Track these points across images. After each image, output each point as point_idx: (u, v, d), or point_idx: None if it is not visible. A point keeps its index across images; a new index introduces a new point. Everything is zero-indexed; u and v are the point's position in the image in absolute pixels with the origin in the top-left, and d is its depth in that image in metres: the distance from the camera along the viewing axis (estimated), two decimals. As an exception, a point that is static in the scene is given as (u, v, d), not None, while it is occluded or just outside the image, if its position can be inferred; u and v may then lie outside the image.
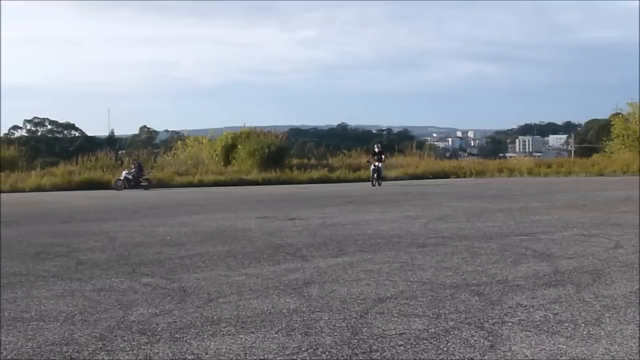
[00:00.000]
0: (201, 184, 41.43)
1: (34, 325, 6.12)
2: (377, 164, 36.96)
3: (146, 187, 37.83)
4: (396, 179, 44.44)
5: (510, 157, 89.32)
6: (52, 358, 5.16)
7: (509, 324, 6.01)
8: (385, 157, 40.15)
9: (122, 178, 38.30)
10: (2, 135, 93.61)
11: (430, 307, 6.64)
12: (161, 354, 5.21)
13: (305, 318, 6.24)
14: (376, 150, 38.61)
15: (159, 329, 5.92)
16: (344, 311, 6.50)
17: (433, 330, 5.79)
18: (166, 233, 13.67)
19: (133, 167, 39.63)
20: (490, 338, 5.57)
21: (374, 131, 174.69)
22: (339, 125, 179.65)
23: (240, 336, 5.66)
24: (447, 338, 5.55)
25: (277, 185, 41.02)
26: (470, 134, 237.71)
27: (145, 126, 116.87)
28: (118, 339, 5.61)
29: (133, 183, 38.05)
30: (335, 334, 5.69)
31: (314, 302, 6.97)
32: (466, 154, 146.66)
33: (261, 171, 47.00)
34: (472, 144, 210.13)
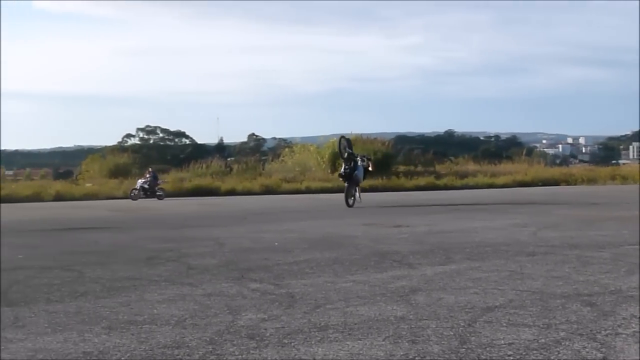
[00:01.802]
0: (308, 191, 41.70)
1: (147, 329, 6.26)
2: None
3: (160, 197, 37.03)
4: (504, 186, 43.77)
5: (624, 164, 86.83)
6: (164, 361, 5.28)
7: (623, 335, 5.85)
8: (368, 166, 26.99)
9: (137, 187, 37.71)
10: (115, 143, 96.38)
11: (540, 317, 6.52)
12: (269, 359, 5.27)
13: (412, 326, 6.22)
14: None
15: (267, 334, 5.98)
16: (452, 319, 6.44)
17: (543, 340, 5.68)
18: (274, 239, 13.81)
19: (148, 176, 38.72)
20: (603, 350, 5.43)
21: (481, 138, 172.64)
22: (445, 132, 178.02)
23: (347, 343, 5.68)
24: (557, 349, 5.44)
25: (383, 192, 40.93)
26: (581, 140, 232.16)
27: (253, 134, 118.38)
28: (227, 343, 5.70)
29: (149, 192, 37.39)
30: (442, 342, 5.65)
31: (420, 309, 6.93)
32: (577, 160, 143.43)
33: (368, 178, 47.00)
34: (583, 151, 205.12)
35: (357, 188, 25.69)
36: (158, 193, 37.44)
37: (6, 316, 6.86)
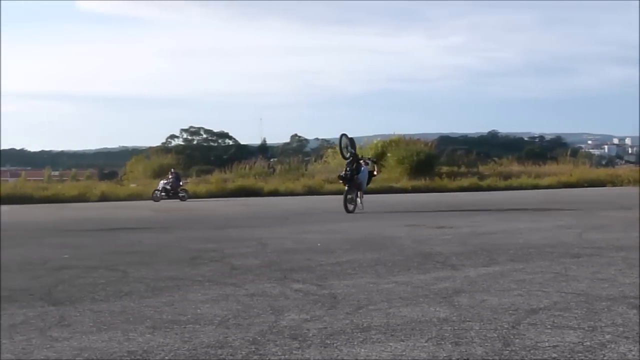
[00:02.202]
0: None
1: (190, 328, 6.29)
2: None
3: (183, 198, 36.71)
4: (548, 187, 43.37)
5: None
6: (207, 360, 5.30)
7: (669, 338, 5.76)
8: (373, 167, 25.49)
9: (159, 188, 37.52)
10: (159, 144, 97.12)
11: (585, 320, 6.44)
12: (312, 359, 5.27)
13: (456, 327, 6.18)
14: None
15: (310, 334, 5.98)
16: (495, 321, 6.40)
17: (588, 343, 5.62)
18: (316, 240, 13.82)
19: (171, 177, 38.51)
20: (649, 353, 5.36)
21: (525, 138, 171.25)
22: (489, 132, 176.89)
23: (390, 344, 5.66)
24: (603, 352, 5.37)
25: (426, 193, 40.82)
26: (628, 141, 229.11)
27: (296, 134, 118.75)
28: (270, 343, 5.71)
29: (171, 193, 37.15)
30: (486, 344, 5.61)
31: (464, 311, 6.89)
32: (623, 161, 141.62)
33: (410, 179, 46.93)
34: (629, 151, 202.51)
35: (358, 193, 23.28)
36: (181, 194, 37.09)
37: (52, 315, 6.94)
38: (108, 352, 5.51)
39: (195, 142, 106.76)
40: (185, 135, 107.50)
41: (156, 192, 37.23)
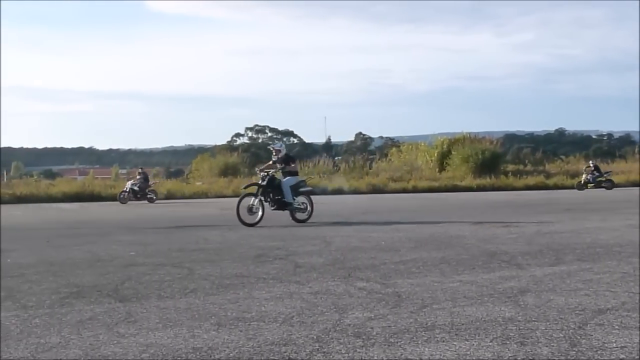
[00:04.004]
0: (415, 190, 41.54)
1: (255, 325, 6.33)
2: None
3: (151, 200, 34.83)
4: (617, 186, 42.60)
5: None
6: (272, 358, 5.32)
7: None
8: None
9: (127, 189, 35.11)
10: (225, 142, 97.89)
11: (655, 320, 6.32)
12: (376, 358, 5.26)
13: (521, 327, 6.11)
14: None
15: (374, 332, 5.97)
16: (562, 321, 6.31)
17: (657, 344, 5.51)
18: (381, 238, 13.79)
19: (139, 177, 36.15)
20: None
21: (593, 136, 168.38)
22: (556, 130, 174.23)
23: (455, 343, 5.62)
24: (673, 353, 5.26)
25: (491, 191, 40.45)
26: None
27: (360, 133, 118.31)
28: (334, 341, 5.71)
29: (139, 195, 34.81)
30: (552, 344, 5.53)
31: (529, 311, 6.81)
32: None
33: (475, 177, 46.57)
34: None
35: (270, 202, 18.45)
36: (149, 195, 35.10)
37: (119, 311, 7.05)
38: (173, 348, 5.57)
39: (260, 141, 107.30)
40: (250, 134, 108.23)
41: (123, 193, 34.98)
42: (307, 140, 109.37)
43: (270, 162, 19.45)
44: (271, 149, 19.90)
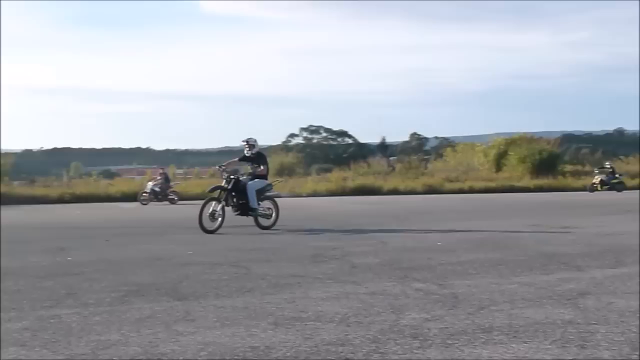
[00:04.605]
0: (471, 191, 41.24)
1: (311, 325, 6.34)
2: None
3: (173, 201, 33.30)
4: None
5: None
6: (328, 358, 5.32)
7: None
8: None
9: (148, 190, 33.39)
10: (280, 142, 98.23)
11: None
12: (433, 359, 5.24)
13: (581, 330, 6.03)
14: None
15: (431, 334, 5.95)
16: (622, 325, 6.21)
17: None
18: (437, 239, 13.73)
19: (159, 177, 34.65)
20: None
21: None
22: (615, 130, 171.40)
23: (513, 345, 5.57)
24: None
25: (549, 192, 39.99)
26: None
27: (415, 133, 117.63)
28: (391, 342, 5.70)
29: (160, 196, 33.24)
30: (613, 348, 5.45)
31: (589, 313, 6.72)
32: None
33: (533, 178, 46.09)
34: None
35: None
36: (170, 197, 33.53)
37: (177, 310, 7.11)
38: (231, 347, 5.61)
39: (315, 141, 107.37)
40: (305, 134, 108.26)
41: (144, 194, 33.33)
42: (361, 141, 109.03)
43: (237, 159, 17.83)
44: (243, 142, 17.54)
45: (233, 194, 16.60)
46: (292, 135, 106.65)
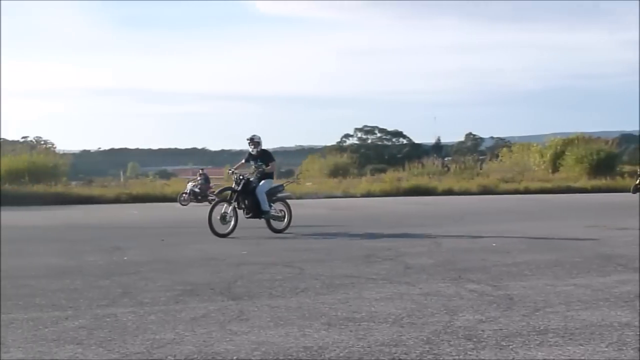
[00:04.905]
0: (527, 191, 40.83)
1: (365, 326, 6.34)
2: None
3: (213, 201, 32.22)
4: None
5: None
6: (381, 358, 5.32)
7: None
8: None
9: (187, 191, 32.56)
10: (334, 143, 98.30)
11: None
12: (487, 361, 5.21)
13: (639, 333, 5.94)
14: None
15: (485, 335, 5.91)
16: (682, 328, 6.11)
17: None
18: (492, 240, 13.62)
19: (199, 178, 33.91)
20: None
21: None
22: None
23: (568, 348, 5.51)
24: None
25: (607, 193, 39.40)
26: None
27: (470, 133, 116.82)
28: (444, 343, 5.68)
29: (200, 197, 32.45)
30: (671, 351, 5.36)
31: (647, 316, 6.62)
32: None
33: (590, 178, 45.48)
34: None
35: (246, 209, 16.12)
36: (210, 197, 31.49)
37: (231, 309, 7.16)
38: (284, 347, 5.63)
39: (369, 141, 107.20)
40: (359, 135, 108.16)
41: (183, 195, 32.61)
42: (416, 141, 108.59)
43: (243, 161, 16.78)
44: (247, 140, 16.73)
45: (243, 195, 15.95)
46: (347, 136, 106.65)
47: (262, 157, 16.45)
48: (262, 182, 16.09)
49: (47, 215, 23.70)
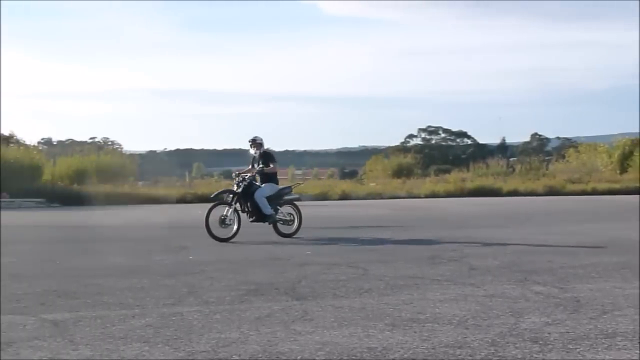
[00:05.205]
0: (594, 192, 40.22)
1: (429, 327, 6.32)
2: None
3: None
4: None
5: None
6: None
7: None
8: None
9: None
10: (398, 143, 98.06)
11: None
12: (553, 364, 5.15)
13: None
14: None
15: (551, 338, 5.84)
16: None
17: None
18: (558, 241, 13.45)
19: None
20: None
21: None
22: None
23: (637, 351, 5.42)
24: None
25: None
26: None
27: (536, 133, 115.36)
28: (510, 345, 5.63)
29: None
30: None
31: None
32: None
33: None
34: None
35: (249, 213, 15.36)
36: None
37: (295, 309, 7.19)
38: (348, 347, 5.64)
39: (433, 142, 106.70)
40: (423, 135, 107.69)
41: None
42: (481, 141, 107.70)
43: (250, 167, 16.03)
44: (249, 141, 16.02)
45: (245, 198, 15.18)
46: (410, 136, 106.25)
47: (263, 158, 15.67)
48: (263, 185, 15.39)
49: (114, 214, 24.07)
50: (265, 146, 15.77)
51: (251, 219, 15.31)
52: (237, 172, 16.10)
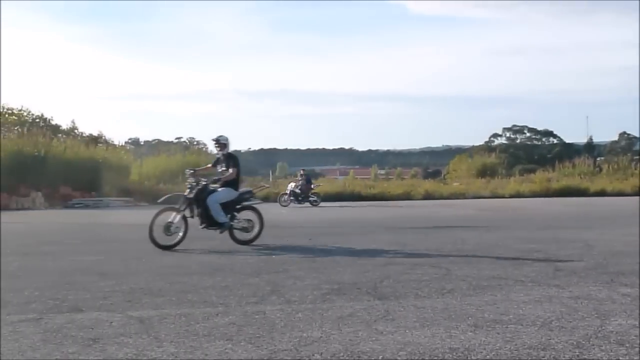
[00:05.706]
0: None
1: (512, 328, 6.25)
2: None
3: (315, 203, 33.00)
4: None
5: None
6: (529, 362, 5.24)
7: None
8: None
9: (288, 192, 33.66)
10: (482, 143, 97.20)
11: None
12: (640, 368, 5.05)
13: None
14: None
15: (638, 341, 5.72)
16: None
17: None
18: (647, 243, 13.16)
19: (300, 179, 34.42)
20: None
21: None
22: None
23: None
24: None
25: None
26: None
27: (624, 132, 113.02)
28: (595, 348, 5.53)
29: (301, 198, 33.28)
30: None
31: None
32: None
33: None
34: None
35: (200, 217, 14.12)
36: (311, 198, 33.58)
37: (377, 309, 7.19)
38: (430, 347, 5.62)
39: (518, 141, 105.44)
40: (508, 134, 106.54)
41: (284, 196, 33.66)
42: (567, 141, 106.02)
43: (209, 165, 15.09)
44: (213, 141, 14.84)
45: (197, 203, 13.94)
46: (495, 136, 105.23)
47: (225, 160, 14.47)
48: (220, 189, 14.13)
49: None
50: (348, 146, 15.73)
51: (202, 226, 14.19)
52: (192, 170, 14.54)
